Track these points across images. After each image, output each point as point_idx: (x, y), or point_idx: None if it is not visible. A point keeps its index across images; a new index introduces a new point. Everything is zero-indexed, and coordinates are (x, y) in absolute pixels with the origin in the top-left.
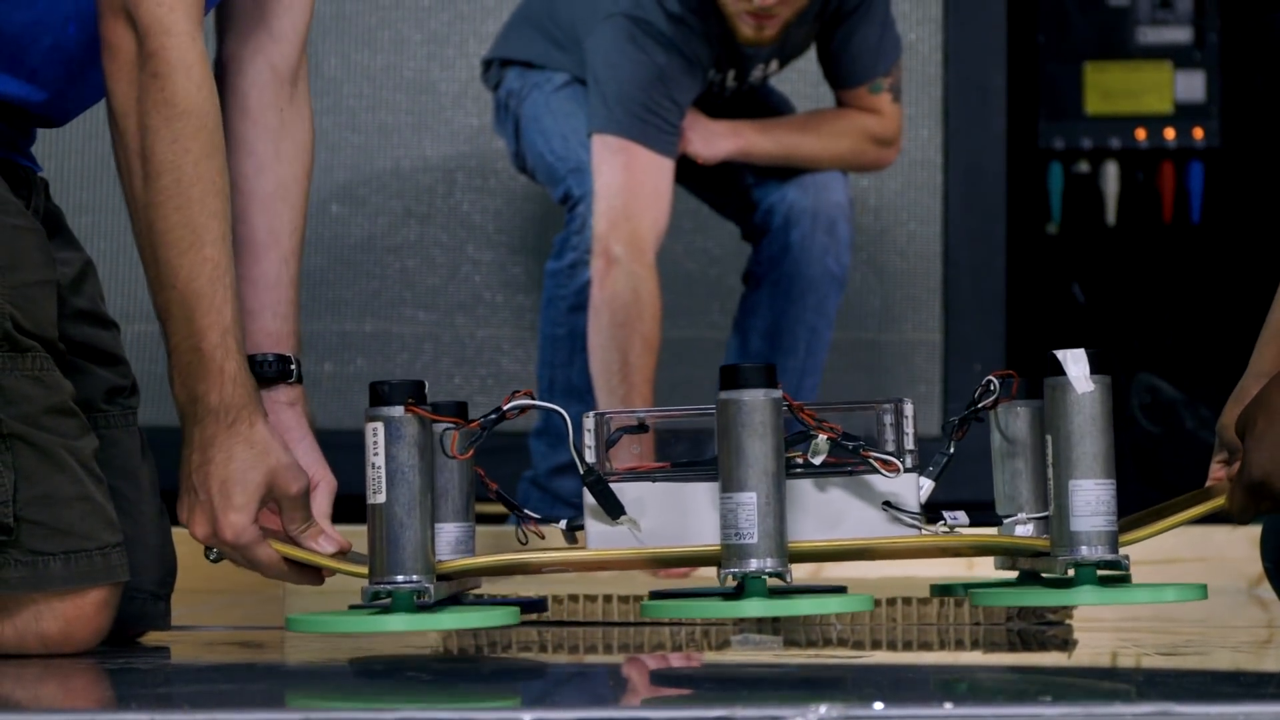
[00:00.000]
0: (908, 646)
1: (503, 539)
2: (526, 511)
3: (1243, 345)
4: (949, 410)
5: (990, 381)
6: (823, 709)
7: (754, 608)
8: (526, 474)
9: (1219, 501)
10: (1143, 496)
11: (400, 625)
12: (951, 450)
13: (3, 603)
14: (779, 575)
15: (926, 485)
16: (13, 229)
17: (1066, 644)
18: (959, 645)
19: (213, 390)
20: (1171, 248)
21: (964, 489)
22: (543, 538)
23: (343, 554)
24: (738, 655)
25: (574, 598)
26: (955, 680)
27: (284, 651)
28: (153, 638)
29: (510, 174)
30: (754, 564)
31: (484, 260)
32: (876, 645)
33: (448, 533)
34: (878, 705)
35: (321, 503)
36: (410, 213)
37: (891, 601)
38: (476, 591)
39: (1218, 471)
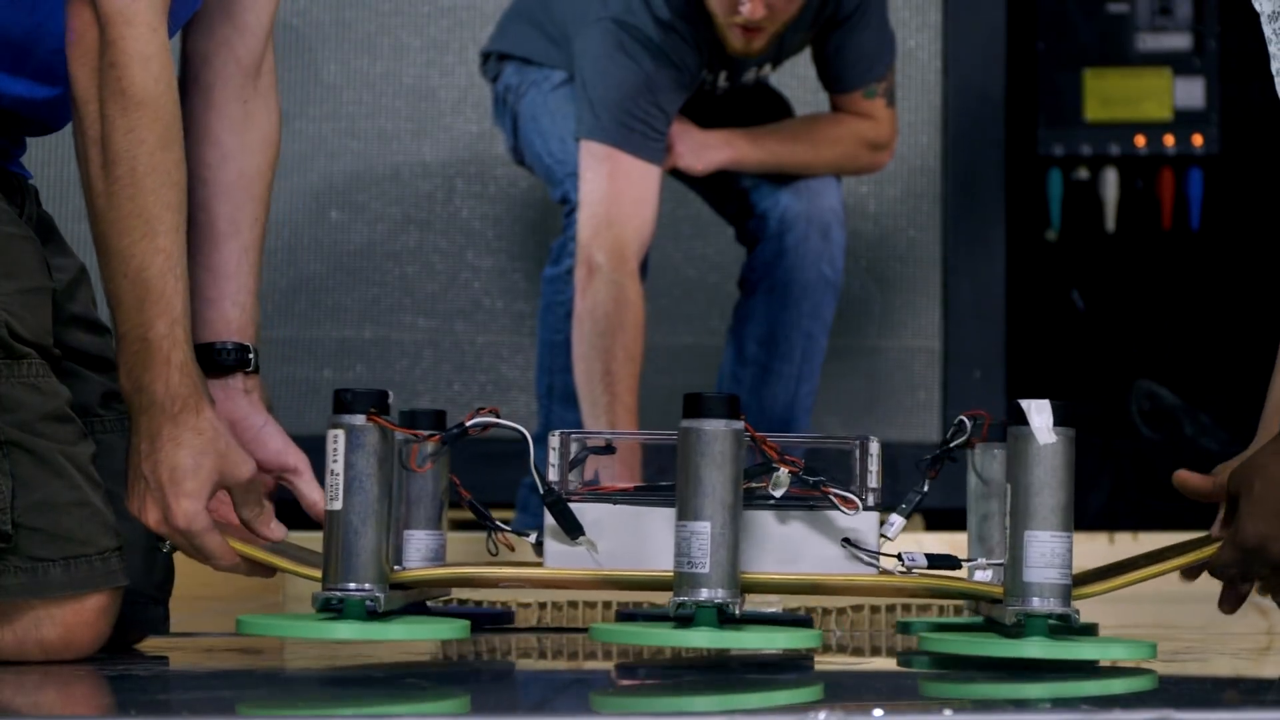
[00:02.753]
0: (905, 651)
1: (477, 545)
2: (497, 522)
3: (1242, 351)
4: (948, 418)
5: (962, 421)
6: (822, 715)
7: (700, 638)
8: (526, 480)
9: (1206, 552)
10: (1141, 503)
11: (349, 633)
12: (925, 489)
13: (3, 609)
14: (727, 607)
15: (898, 522)
16: (7, 237)
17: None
18: None
19: (158, 380)
20: (1171, 254)
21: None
22: (513, 549)
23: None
24: (736, 660)
25: (573, 604)
26: (954, 687)
27: (283, 658)
28: (152, 644)
29: (509, 180)
30: (705, 593)
31: (483, 266)
32: (876, 651)
33: (418, 540)
34: (877, 712)
35: (310, 482)
36: (410, 219)
37: (890, 609)
38: (443, 599)
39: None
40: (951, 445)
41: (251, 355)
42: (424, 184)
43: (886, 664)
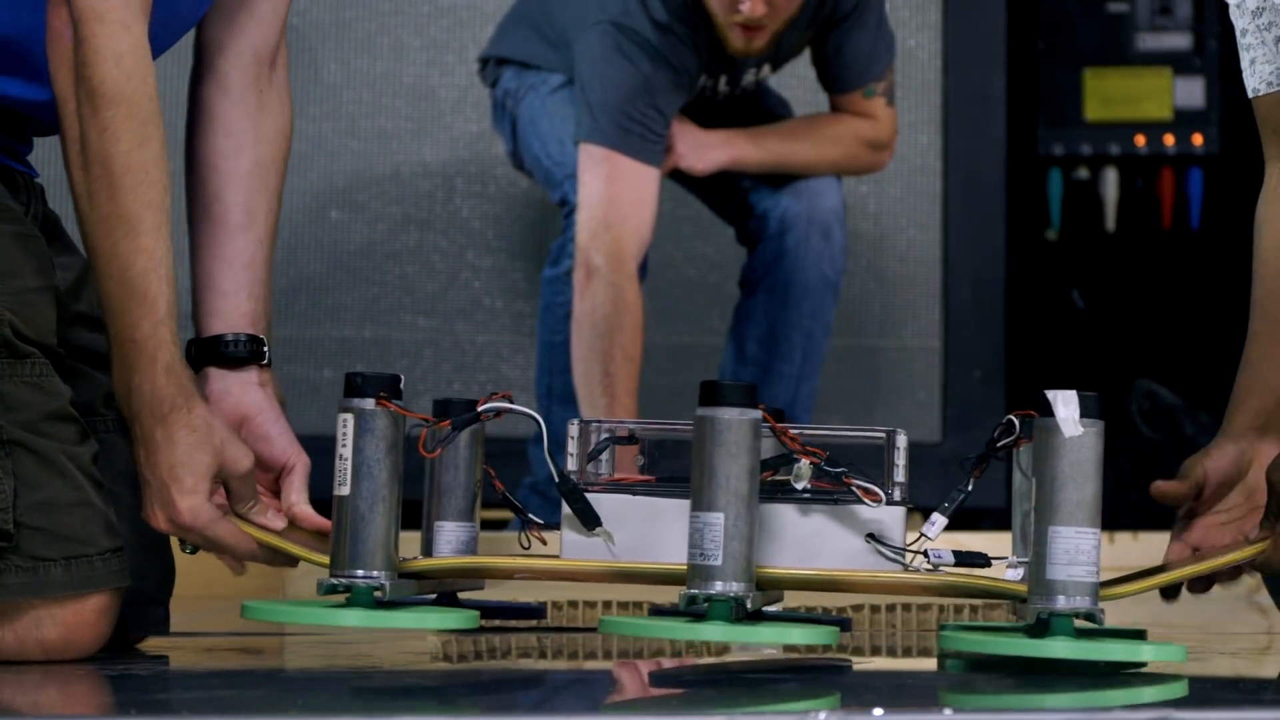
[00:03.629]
0: (908, 652)
1: (502, 546)
2: (531, 516)
3: (1241, 352)
4: (948, 417)
5: (1011, 420)
6: (822, 715)
7: (711, 632)
8: (526, 480)
9: (1245, 554)
10: (1141, 504)
11: (355, 621)
12: (969, 488)
13: (3, 609)
14: (740, 601)
15: (940, 522)
16: (11, 236)
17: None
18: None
19: (145, 381)
20: (1171, 254)
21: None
22: (545, 543)
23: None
24: (738, 660)
25: (573, 604)
26: (955, 686)
27: (283, 657)
28: (152, 644)
29: (509, 180)
30: (718, 586)
31: (483, 266)
32: (876, 651)
33: (448, 532)
34: (877, 711)
35: (298, 484)
36: (410, 218)
37: (891, 608)
38: (473, 595)
39: (1178, 551)
40: (999, 444)
41: (265, 348)
42: (424, 183)
43: (895, 664)
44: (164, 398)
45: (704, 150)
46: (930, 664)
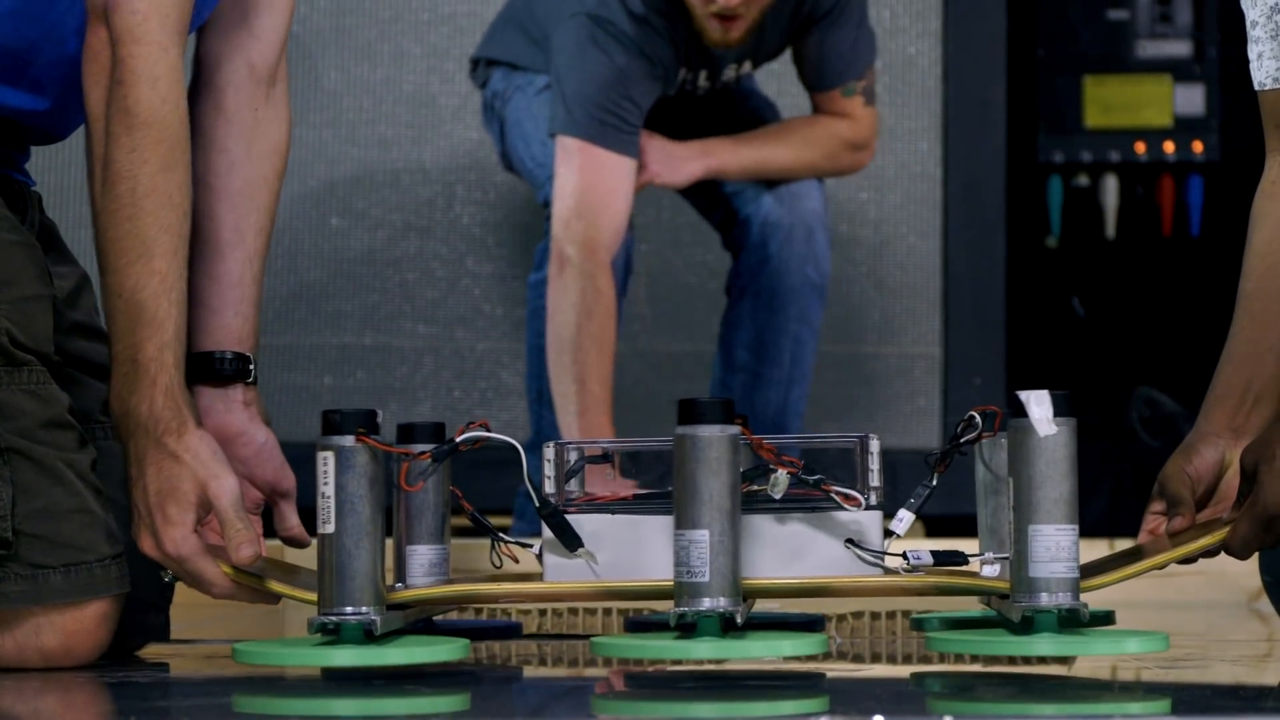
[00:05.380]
0: (908, 659)
1: (476, 552)
2: (500, 534)
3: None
4: (948, 424)
5: (973, 416)
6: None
7: (703, 649)
8: (523, 487)
9: (1218, 535)
10: (1142, 510)
11: (347, 660)
12: (934, 483)
13: (3, 617)
14: (730, 616)
15: (907, 518)
16: (9, 244)
17: (1066, 657)
18: (959, 658)
19: (143, 402)
20: (1171, 261)
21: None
22: (517, 561)
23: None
24: (738, 667)
25: (574, 611)
26: (955, 693)
27: (283, 666)
28: (152, 651)
29: (509, 186)
30: (706, 603)
31: (483, 273)
32: (876, 658)
33: (421, 555)
34: (878, 718)
35: (286, 511)
36: (410, 226)
37: (891, 615)
38: (448, 615)
39: (1152, 523)
40: (962, 440)
41: (252, 367)
42: (424, 190)
43: (890, 671)
44: (159, 418)
45: (678, 163)
46: (920, 669)
